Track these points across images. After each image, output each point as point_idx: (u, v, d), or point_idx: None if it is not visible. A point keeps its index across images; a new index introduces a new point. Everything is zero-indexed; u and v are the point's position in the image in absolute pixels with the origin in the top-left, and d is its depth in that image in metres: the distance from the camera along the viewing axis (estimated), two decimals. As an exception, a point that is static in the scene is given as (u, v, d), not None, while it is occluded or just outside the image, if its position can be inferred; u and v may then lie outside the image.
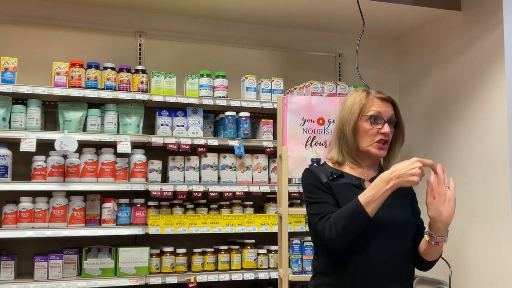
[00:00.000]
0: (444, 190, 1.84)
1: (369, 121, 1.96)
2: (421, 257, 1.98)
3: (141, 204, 3.54)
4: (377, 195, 1.79)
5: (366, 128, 1.97)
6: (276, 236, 3.06)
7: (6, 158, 3.28)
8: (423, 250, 1.95)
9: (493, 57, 3.45)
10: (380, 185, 1.80)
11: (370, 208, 1.79)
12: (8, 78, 3.28)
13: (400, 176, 1.78)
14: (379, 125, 1.96)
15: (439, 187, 1.83)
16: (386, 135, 1.97)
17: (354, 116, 1.98)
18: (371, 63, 4.40)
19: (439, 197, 1.82)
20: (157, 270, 3.48)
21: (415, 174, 1.76)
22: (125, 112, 3.59)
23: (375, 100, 2.01)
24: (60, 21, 3.74)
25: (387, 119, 1.98)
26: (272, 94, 3.82)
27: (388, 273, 1.88)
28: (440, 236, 1.87)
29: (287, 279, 2.79)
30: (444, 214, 1.82)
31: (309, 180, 1.98)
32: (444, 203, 1.82)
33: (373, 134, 1.96)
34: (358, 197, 1.81)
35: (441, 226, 1.84)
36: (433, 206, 1.81)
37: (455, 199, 1.84)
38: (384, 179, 1.79)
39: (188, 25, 4.04)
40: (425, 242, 1.91)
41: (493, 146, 3.42)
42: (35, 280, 3.23)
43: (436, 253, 1.96)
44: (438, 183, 1.83)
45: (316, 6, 3.82)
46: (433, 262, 2.01)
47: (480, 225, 3.50)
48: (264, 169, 3.78)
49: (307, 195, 1.99)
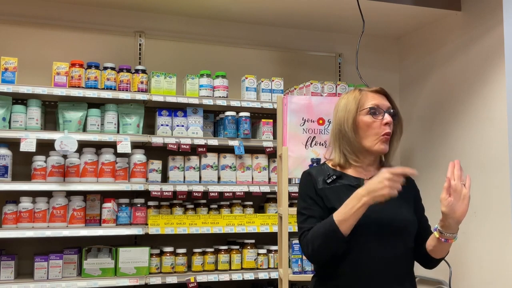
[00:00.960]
0: (460, 187, 1.81)
1: (369, 113, 1.95)
2: (428, 255, 1.96)
3: (141, 204, 3.54)
4: (349, 213, 1.77)
5: (367, 121, 1.95)
6: (276, 236, 3.06)
7: (6, 158, 3.28)
8: (432, 247, 1.93)
9: (493, 57, 3.45)
10: (353, 202, 1.78)
11: (344, 227, 1.78)
12: (8, 78, 3.28)
13: (370, 191, 1.75)
14: (380, 116, 1.95)
15: (456, 184, 1.81)
16: (389, 125, 1.95)
17: (351, 113, 1.97)
18: (371, 63, 4.40)
19: (454, 194, 1.80)
20: (157, 270, 3.48)
21: (385, 187, 1.73)
22: (125, 112, 3.59)
23: (369, 94, 2.00)
24: (60, 21, 3.74)
25: (386, 109, 1.97)
26: (272, 94, 3.82)
27: (388, 273, 1.88)
28: (450, 233, 1.84)
29: (287, 279, 2.79)
30: (457, 212, 1.80)
31: (304, 187, 1.98)
32: (459, 201, 1.80)
33: (377, 127, 1.94)
34: (333, 215, 1.80)
35: (452, 223, 1.82)
36: (447, 202, 1.79)
37: (469, 197, 1.82)
38: (357, 196, 1.78)
39: (188, 25, 4.05)
40: (434, 238, 1.89)
41: (493, 146, 3.42)
42: (35, 280, 3.23)
43: (444, 251, 1.94)
44: (455, 180, 1.81)
45: (316, 6, 3.82)
46: (439, 260, 1.99)
47: (480, 225, 3.50)
48: (264, 169, 3.78)
49: (298, 201, 2.00)
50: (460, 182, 1.81)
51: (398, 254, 1.90)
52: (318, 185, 1.94)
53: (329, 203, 1.91)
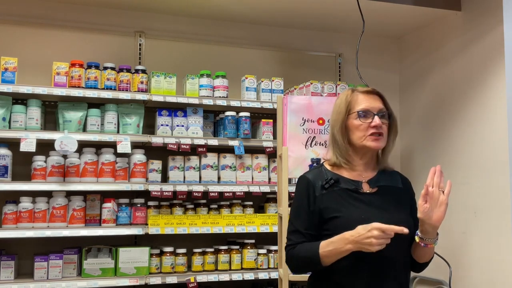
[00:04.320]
0: (438, 194, 1.83)
1: (358, 117, 1.95)
2: (413, 259, 1.99)
3: (141, 204, 3.54)
4: (333, 252, 1.84)
5: (355, 124, 1.96)
6: (276, 236, 3.06)
7: (6, 158, 3.28)
8: (414, 251, 1.96)
9: (493, 57, 3.45)
10: (339, 243, 1.83)
11: (326, 261, 1.86)
12: (8, 78, 3.28)
13: (357, 243, 1.79)
14: (368, 119, 1.95)
15: (433, 191, 1.83)
16: (378, 127, 1.95)
17: (341, 115, 1.98)
18: (371, 63, 4.40)
19: (431, 200, 1.82)
20: (157, 270, 3.48)
21: (372, 244, 1.75)
22: (125, 112, 3.59)
23: (360, 96, 2.00)
24: (60, 21, 3.74)
25: (377, 112, 1.96)
26: (272, 94, 3.82)
27: (385, 274, 1.89)
28: (429, 238, 1.87)
29: (287, 279, 2.79)
30: (433, 218, 1.82)
31: (300, 193, 2.00)
32: (435, 207, 1.82)
33: (364, 129, 1.95)
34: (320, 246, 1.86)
35: (429, 228, 1.84)
36: (423, 209, 1.82)
37: (447, 204, 1.84)
38: (344, 239, 1.81)
39: (188, 25, 4.05)
40: (415, 243, 1.92)
41: (493, 146, 3.42)
42: (35, 280, 3.23)
43: (427, 255, 1.97)
44: (433, 186, 1.83)
45: (316, 6, 3.82)
46: (424, 264, 2.02)
47: (480, 225, 3.50)
48: (264, 169, 3.78)
49: (292, 206, 2.01)
50: (439, 189, 1.83)
51: (395, 256, 1.91)
52: (316, 192, 1.94)
53: (327, 213, 1.92)
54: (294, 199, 2.02)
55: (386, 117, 1.99)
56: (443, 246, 2.27)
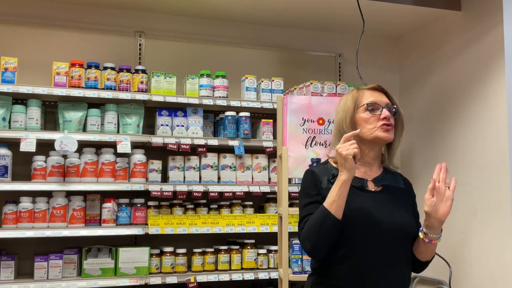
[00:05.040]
0: (444, 189, 1.86)
1: (366, 110, 1.97)
2: (415, 257, 1.99)
3: (141, 204, 3.54)
4: (335, 191, 1.82)
5: (365, 117, 1.97)
6: (276, 236, 3.06)
7: (6, 158, 3.28)
8: (417, 248, 1.96)
9: (493, 57, 3.45)
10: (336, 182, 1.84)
11: (333, 208, 1.81)
12: (8, 78, 3.28)
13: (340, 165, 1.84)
14: (377, 112, 1.97)
15: (440, 186, 1.85)
16: (388, 119, 1.96)
17: (349, 112, 1.99)
18: (371, 63, 4.40)
19: (437, 195, 1.85)
20: (157, 270, 3.48)
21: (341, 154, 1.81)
22: (125, 112, 3.59)
23: (366, 92, 2.03)
24: (60, 21, 3.74)
25: (384, 105, 1.99)
26: (272, 94, 3.82)
27: (386, 275, 1.88)
28: (433, 234, 1.88)
29: (287, 279, 2.79)
30: (439, 212, 1.85)
31: (307, 186, 1.99)
32: (441, 202, 1.85)
33: (374, 121, 1.96)
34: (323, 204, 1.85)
35: (435, 222, 1.86)
36: (430, 202, 1.84)
37: (452, 199, 1.86)
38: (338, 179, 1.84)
39: (188, 25, 4.04)
40: (419, 239, 1.93)
41: (493, 146, 3.42)
42: (35, 280, 3.23)
43: (430, 252, 1.97)
44: (440, 181, 1.85)
45: (316, 6, 3.82)
46: (425, 264, 2.02)
47: (480, 225, 3.50)
48: (264, 169, 3.78)
49: (300, 199, 2.00)
50: (445, 184, 1.86)
51: (398, 256, 1.91)
52: (323, 185, 1.95)
53: None
54: (300, 191, 2.01)
55: (393, 112, 2.00)
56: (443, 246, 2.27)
